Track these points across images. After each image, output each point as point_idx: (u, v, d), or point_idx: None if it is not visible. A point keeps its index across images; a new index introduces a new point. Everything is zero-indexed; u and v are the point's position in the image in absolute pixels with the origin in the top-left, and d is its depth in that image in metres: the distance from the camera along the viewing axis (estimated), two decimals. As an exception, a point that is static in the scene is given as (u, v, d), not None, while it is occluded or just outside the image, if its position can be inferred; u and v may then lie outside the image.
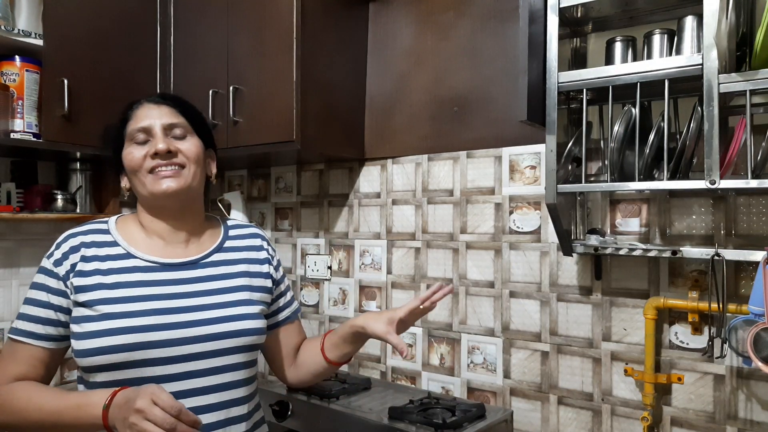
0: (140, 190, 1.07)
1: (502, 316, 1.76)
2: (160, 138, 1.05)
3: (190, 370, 1.00)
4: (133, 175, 1.07)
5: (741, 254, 1.30)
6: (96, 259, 1.03)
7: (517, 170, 1.75)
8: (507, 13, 1.76)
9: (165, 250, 1.08)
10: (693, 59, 1.21)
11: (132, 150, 1.06)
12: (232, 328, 1.04)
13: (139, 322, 0.98)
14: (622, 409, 1.55)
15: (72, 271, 1.02)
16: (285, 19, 1.76)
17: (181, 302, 1.03)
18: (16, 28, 1.74)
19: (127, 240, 1.07)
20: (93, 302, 0.99)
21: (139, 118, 1.07)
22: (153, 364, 0.98)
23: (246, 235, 1.19)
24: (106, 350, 0.96)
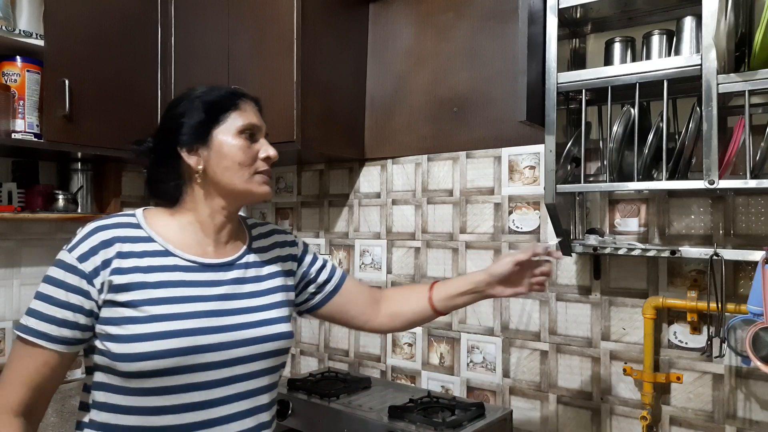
0: (235, 183, 1.01)
1: (502, 316, 1.77)
2: (267, 144, 1.04)
3: (231, 375, 0.98)
4: (233, 168, 1.00)
5: (740, 254, 1.30)
6: (133, 256, 0.96)
7: (517, 170, 1.76)
8: (506, 14, 1.77)
9: (204, 250, 1.03)
10: (692, 60, 1.21)
11: (243, 143, 1.01)
12: (272, 332, 1.03)
13: (189, 325, 0.94)
14: (621, 409, 1.55)
15: (104, 268, 0.93)
16: (285, 20, 1.77)
17: (225, 304, 1.00)
18: (18, 29, 1.75)
19: (162, 236, 1.01)
20: (138, 302, 0.93)
21: (248, 113, 1.04)
22: (200, 369, 0.94)
23: (267, 233, 1.17)
24: (158, 354, 0.91)
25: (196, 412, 0.94)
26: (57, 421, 1.75)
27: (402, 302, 1.24)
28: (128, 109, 1.97)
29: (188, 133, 1.01)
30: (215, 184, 1.02)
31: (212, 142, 1.01)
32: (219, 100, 1.03)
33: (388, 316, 1.23)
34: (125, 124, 1.95)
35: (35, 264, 2.03)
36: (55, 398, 1.97)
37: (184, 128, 1.01)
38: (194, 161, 1.01)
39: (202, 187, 1.03)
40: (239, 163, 1.01)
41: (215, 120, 1.01)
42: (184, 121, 1.01)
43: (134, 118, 1.99)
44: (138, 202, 2.23)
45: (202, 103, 1.02)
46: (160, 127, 1.06)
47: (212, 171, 1.01)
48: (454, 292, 1.19)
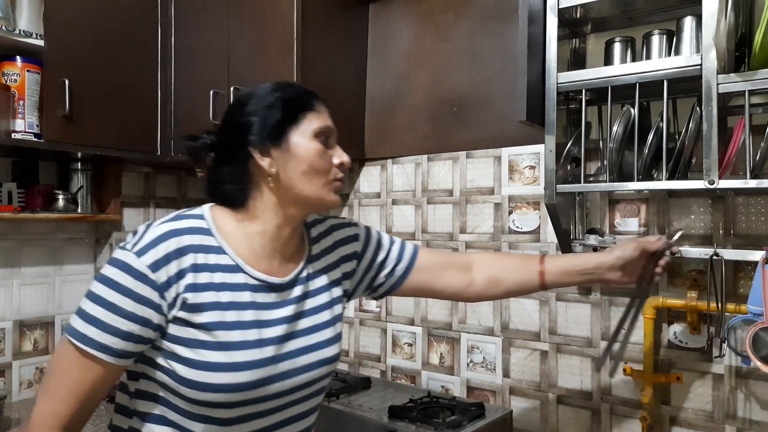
0: (310, 190, 0.93)
1: (502, 316, 1.77)
2: (340, 149, 0.98)
3: (290, 400, 0.93)
4: (310, 173, 0.92)
5: (740, 254, 1.30)
6: (207, 269, 0.87)
7: (517, 170, 1.76)
8: (506, 14, 1.77)
9: (270, 265, 0.95)
10: (692, 60, 1.21)
11: (320, 147, 0.93)
12: (329, 354, 0.98)
13: (261, 355, 0.88)
14: (621, 408, 1.55)
15: (178, 280, 0.84)
16: (285, 20, 1.77)
17: (289, 327, 0.93)
18: (17, 29, 1.75)
19: (232, 247, 0.91)
20: (211, 325, 0.85)
21: (323, 115, 0.97)
22: (263, 400, 0.89)
23: (326, 231, 1.09)
24: (229, 388, 0.85)
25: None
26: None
27: (504, 269, 1.16)
28: (128, 109, 1.97)
29: (261, 133, 0.92)
30: (288, 189, 0.93)
31: (287, 143, 0.92)
32: (296, 99, 0.95)
33: (486, 282, 1.15)
34: (125, 124, 1.95)
35: (35, 264, 2.03)
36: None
37: (257, 126, 0.92)
38: (267, 163, 0.92)
39: (274, 192, 0.93)
40: (317, 169, 0.93)
41: (292, 120, 0.93)
42: (257, 120, 0.92)
43: (134, 118, 1.99)
44: (138, 202, 2.23)
45: (277, 100, 0.93)
46: (226, 124, 0.97)
47: (286, 176, 0.92)
48: (570, 269, 1.13)
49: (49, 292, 2.07)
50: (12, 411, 1.84)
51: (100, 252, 2.20)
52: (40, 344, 2.04)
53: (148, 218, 2.27)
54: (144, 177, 2.26)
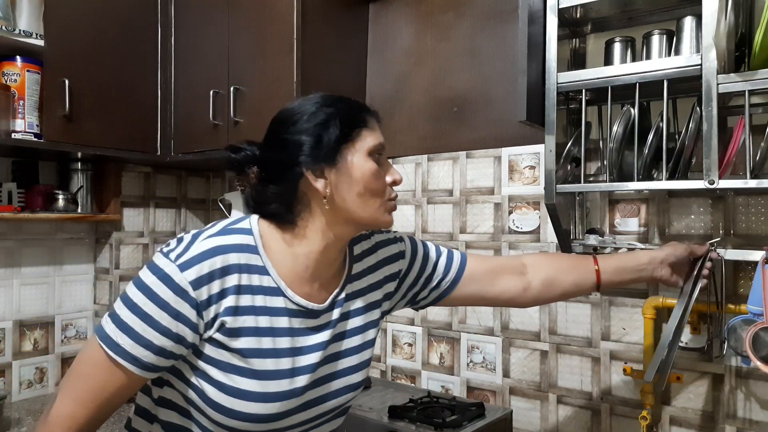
0: (365, 212, 0.88)
1: (502, 316, 1.77)
2: (392, 166, 0.93)
3: (314, 424, 0.93)
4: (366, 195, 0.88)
5: (740, 254, 1.30)
6: (250, 291, 0.84)
7: (517, 170, 1.76)
8: (506, 14, 1.77)
9: (310, 288, 0.91)
10: (692, 60, 1.21)
11: (375, 167, 0.89)
12: (356, 380, 0.96)
13: (291, 385, 0.86)
14: (621, 408, 1.55)
15: (219, 299, 0.81)
16: (285, 20, 1.77)
17: (321, 355, 0.90)
18: (18, 29, 1.75)
19: (276, 268, 0.88)
20: (246, 352, 0.83)
21: (377, 131, 0.92)
22: (292, 427, 0.88)
23: (371, 248, 1.04)
24: (261, 418, 0.84)
25: None
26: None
27: (559, 270, 1.14)
28: (128, 109, 1.97)
29: (315, 153, 0.86)
30: (341, 211, 0.88)
31: (342, 163, 0.87)
32: (350, 114, 0.91)
33: (543, 285, 1.12)
34: (125, 123, 1.95)
35: (35, 264, 2.03)
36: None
37: (310, 146, 0.87)
38: (322, 185, 0.87)
39: (325, 213, 0.88)
40: (372, 190, 0.88)
41: (347, 137, 0.88)
42: (309, 139, 0.87)
43: (134, 118, 1.99)
44: (138, 202, 2.23)
45: (330, 116, 0.89)
46: (274, 141, 0.91)
47: (341, 197, 0.87)
48: (625, 266, 1.13)
49: (49, 292, 2.07)
50: (12, 411, 1.84)
51: (100, 252, 2.20)
52: (40, 344, 2.04)
53: (148, 218, 2.27)
54: (144, 177, 2.26)
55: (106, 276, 2.17)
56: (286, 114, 0.92)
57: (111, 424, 1.67)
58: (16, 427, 1.71)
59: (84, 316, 2.18)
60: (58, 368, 2.09)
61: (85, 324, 2.18)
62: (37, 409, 1.87)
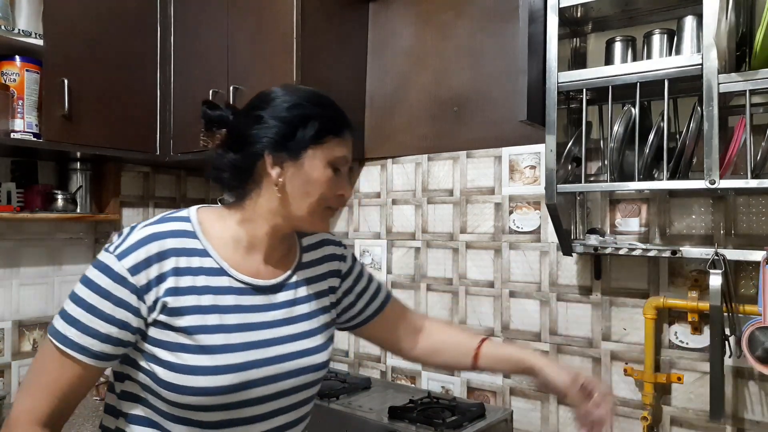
0: (303, 212, 0.92)
1: (502, 316, 1.77)
2: (347, 180, 0.96)
3: (275, 408, 0.93)
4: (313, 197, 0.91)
5: (741, 254, 1.30)
6: (189, 273, 0.87)
7: (517, 170, 1.75)
8: (507, 13, 1.76)
9: (257, 268, 0.94)
10: (693, 59, 1.21)
11: (331, 176, 0.92)
12: (316, 361, 0.97)
13: (243, 358, 0.87)
14: (622, 409, 1.55)
15: (158, 283, 0.85)
16: (285, 19, 1.76)
17: (275, 332, 0.93)
18: (17, 28, 1.74)
19: (217, 250, 0.91)
20: (192, 329, 0.85)
21: (347, 145, 0.95)
22: (247, 404, 0.89)
23: (317, 243, 1.08)
24: (211, 391, 0.84)
25: None
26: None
27: (445, 344, 1.16)
28: (127, 108, 1.97)
29: (283, 142, 0.90)
30: (286, 203, 0.92)
31: (303, 160, 0.90)
32: (331, 121, 0.93)
33: (427, 351, 1.16)
34: (124, 123, 1.95)
35: (34, 264, 2.03)
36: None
37: (281, 133, 0.90)
38: (276, 173, 0.91)
39: (273, 201, 0.92)
40: (320, 195, 0.92)
41: (318, 140, 0.91)
42: (284, 127, 0.90)
43: (133, 117, 1.99)
44: (137, 202, 2.23)
45: (315, 116, 0.92)
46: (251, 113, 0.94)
47: (290, 190, 0.91)
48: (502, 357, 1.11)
49: (48, 292, 2.06)
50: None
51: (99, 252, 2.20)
52: (39, 344, 2.04)
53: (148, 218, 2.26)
54: (143, 177, 2.26)
55: (106, 276, 2.17)
56: (272, 94, 0.95)
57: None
58: (15, 427, 1.70)
59: (83, 317, 2.17)
60: (57, 368, 2.09)
61: (85, 324, 2.18)
62: (36, 409, 1.87)
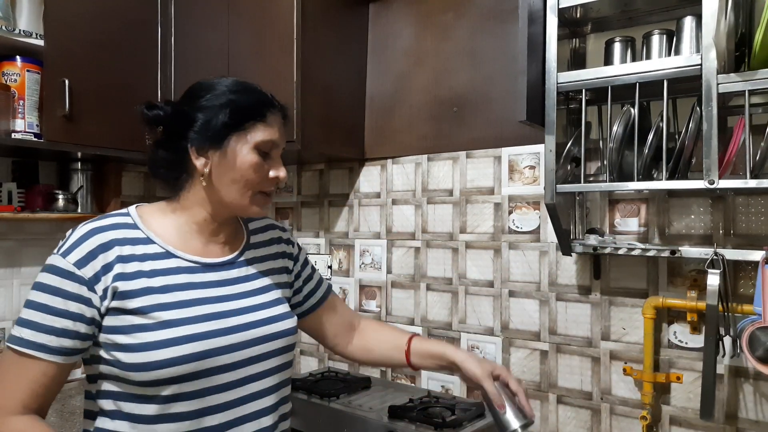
0: (233, 198, 0.96)
1: (502, 316, 1.77)
2: (280, 162, 0.99)
3: (245, 375, 0.96)
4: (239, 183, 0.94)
5: (740, 254, 1.30)
6: (135, 259, 0.91)
7: (517, 170, 1.76)
8: (506, 14, 1.77)
9: (204, 249, 0.99)
10: (692, 59, 1.21)
11: (257, 160, 0.94)
12: (280, 328, 1.01)
13: (202, 329, 0.91)
14: (621, 408, 1.55)
15: (105, 273, 0.88)
16: (285, 20, 1.77)
17: (231, 305, 0.97)
18: (17, 29, 1.75)
19: (160, 237, 0.96)
20: (146, 309, 0.89)
21: (272, 128, 0.97)
22: (214, 372, 0.92)
23: (263, 227, 1.13)
24: (174, 361, 0.87)
25: (213, 416, 0.92)
26: (57, 420, 1.75)
27: (378, 341, 1.20)
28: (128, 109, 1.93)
29: (204, 132, 0.94)
30: (215, 191, 0.96)
31: (226, 148, 0.94)
32: (248, 106, 0.95)
33: (360, 349, 1.21)
34: (125, 123, 1.95)
35: (35, 264, 2.03)
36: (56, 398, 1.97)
37: (201, 124, 0.94)
38: (201, 164, 0.95)
39: (204, 189, 0.97)
40: (246, 180, 0.95)
41: (237, 126, 0.94)
42: (203, 117, 0.94)
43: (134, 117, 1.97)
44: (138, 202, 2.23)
45: (229, 102, 0.94)
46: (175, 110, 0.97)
47: (216, 178, 0.95)
48: (428, 352, 1.14)
49: (49, 292, 2.07)
50: (12, 411, 1.84)
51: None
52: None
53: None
54: (144, 177, 2.26)
55: (106, 276, 2.17)
56: (197, 87, 0.99)
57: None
58: (16, 427, 1.71)
59: (84, 316, 2.18)
60: (58, 368, 2.09)
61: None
62: (37, 409, 1.87)
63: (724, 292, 1.30)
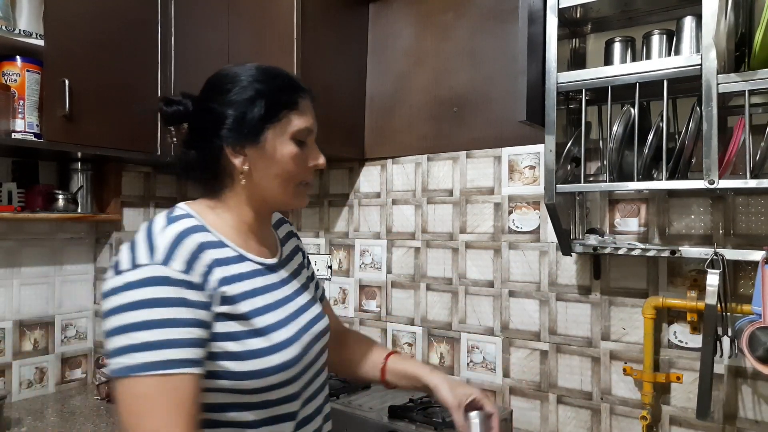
0: (277, 193, 0.92)
1: (502, 316, 1.77)
2: (317, 148, 0.95)
3: (317, 369, 0.97)
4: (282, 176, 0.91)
5: (740, 254, 1.30)
6: (224, 263, 0.86)
7: (517, 170, 1.76)
8: (506, 14, 1.77)
9: (259, 250, 0.95)
10: (692, 59, 1.21)
11: (296, 151, 0.91)
12: (326, 324, 1.02)
13: (294, 330, 0.90)
14: (621, 408, 1.55)
15: (208, 277, 0.82)
16: (285, 20, 1.77)
17: (296, 304, 0.96)
18: (17, 29, 1.75)
19: (228, 239, 0.90)
20: (250, 314, 0.85)
21: (306, 114, 0.93)
22: (304, 372, 0.92)
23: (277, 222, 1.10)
24: (285, 365, 0.86)
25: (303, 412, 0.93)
26: (57, 421, 1.75)
27: (357, 356, 1.17)
28: (128, 109, 1.96)
29: (238, 129, 0.88)
30: (258, 188, 0.91)
31: (263, 143, 0.89)
32: (280, 95, 0.90)
33: (339, 360, 1.16)
34: (125, 123, 1.95)
35: (35, 264, 2.03)
36: (56, 398, 1.98)
37: (234, 121, 0.88)
38: (240, 161, 0.89)
39: (245, 188, 0.91)
40: (288, 173, 0.91)
41: (272, 117, 0.89)
42: (234, 114, 0.88)
43: (134, 117, 1.98)
44: (138, 202, 2.23)
45: (258, 94, 0.89)
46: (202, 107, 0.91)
47: (258, 175, 0.90)
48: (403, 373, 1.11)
49: (49, 292, 2.07)
50: (12, 411, 1.84)
51: (100, 252, 2.20)
52: (40, 344, 2.04)
53: (149, 218, 2.26)
54: (144, 177, 2.26)
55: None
56: (219, 80, 0.92)
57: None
58: (16, 427, 1.71)
59: (84, 316, 2.18)
60: (57, 368, 2.09)
61: (85, 324, 2.18)
62: (37, 408, 1.87)
63: (724, 292, 1.30)
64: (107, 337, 0.77)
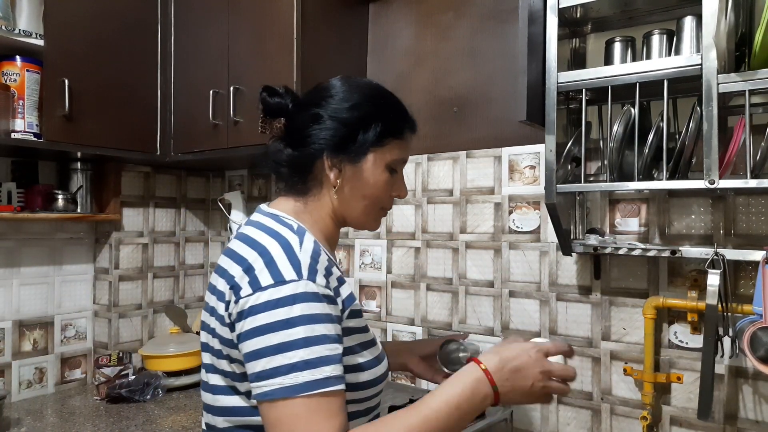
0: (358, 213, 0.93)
1: (502, 316, 1.77)
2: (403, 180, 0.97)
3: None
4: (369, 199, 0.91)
5: (740, 254, 1.30)
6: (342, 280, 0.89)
7: (517, 170, 1.76)
8: (506, 14, 1.77)
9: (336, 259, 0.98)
10: (692, 59, 1.21)
11: (388, 178, 0.92)
12: None
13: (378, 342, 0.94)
14: (622, 408, 1.55)
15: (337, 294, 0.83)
16: (285, 20, 1.77)
17: None
18: (17, 29, 1.75)
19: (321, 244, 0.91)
20: (366, 327, 0.90)
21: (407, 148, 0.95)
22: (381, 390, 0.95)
23: None
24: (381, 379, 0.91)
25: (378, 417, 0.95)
26: (57, 421, 1.75)
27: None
28: (128, 108, 1.97)
29: (342, 144, 0.88)
30: (343, 203, 0.92)
31: (362, 163, 0.89)
32: (394, 122, 0.93)
33: None
34: (125, 123, 1.95)
35: (35, 264, 2.03)
36: (55, 398, 1.98)
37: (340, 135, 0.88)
38: (334, 175, 0.89)
39: (333, 201, 0.92)
40: (375, 197, 0.92)
41: (379, 143, 0.90)
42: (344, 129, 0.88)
43: (134, 117, 1.99)
44: (138, 201, 2.23)
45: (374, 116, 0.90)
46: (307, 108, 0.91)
47: (348, 193, 0.91)
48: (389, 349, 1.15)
49: (48, 292, 2.07)
50: (11, 411, 1.84)
51: (99, 252, 2.20)
52: (39, 344, 2.04)
53: (148, 218, 2.27)
54: (144, 177, 2.26)
55: (106, 276, 2.17)
56: (332, 89, 0.92)
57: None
58: (15, 427, 1.70)
59: (83, 316, 2.18)
60: (57, 368, 2.09)
61: (85, 324, 2.18)
62: (37, 409, 1.87)
63: (724, 292, 1.30)
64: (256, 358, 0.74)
